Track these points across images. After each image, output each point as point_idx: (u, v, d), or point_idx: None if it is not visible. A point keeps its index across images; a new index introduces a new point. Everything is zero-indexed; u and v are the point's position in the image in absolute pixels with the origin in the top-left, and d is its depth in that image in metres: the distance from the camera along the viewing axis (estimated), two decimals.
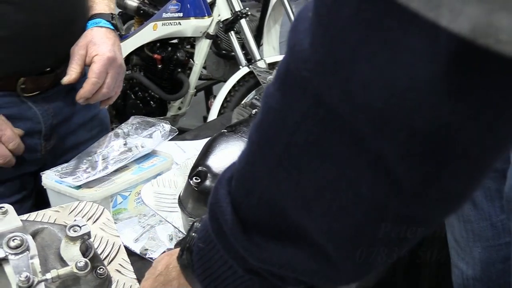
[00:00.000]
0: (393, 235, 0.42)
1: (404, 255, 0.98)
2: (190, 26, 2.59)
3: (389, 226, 0.41)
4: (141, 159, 1.13)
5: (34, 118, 1.14)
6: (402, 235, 0.42)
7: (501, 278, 1.12)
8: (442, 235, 1.19)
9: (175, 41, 2.77)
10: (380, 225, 0.41)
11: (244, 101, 2.40)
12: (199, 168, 0.81)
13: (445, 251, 1.17)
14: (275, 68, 1.81)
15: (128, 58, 2.77)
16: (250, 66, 2.49)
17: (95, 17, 1.18)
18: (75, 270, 0.65)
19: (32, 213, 0.80)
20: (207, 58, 2.86)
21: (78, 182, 1.03)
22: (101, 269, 0.70)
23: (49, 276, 0.64)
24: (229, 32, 2.59)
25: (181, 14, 2.58)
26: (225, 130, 0.88)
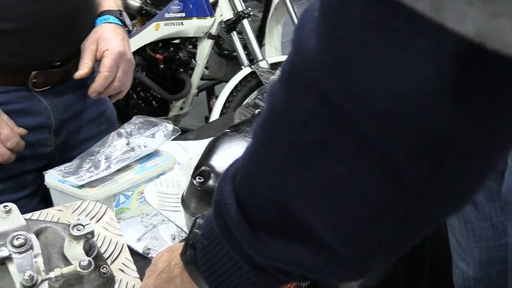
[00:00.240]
0: (397, 233, 0.42)
1: (406, 256, 0.98)
2: (192, 26, 2.60)
3: (393, 225, 0.41)
4: (143, 159, 1.13)
5: (45, 113, 1.16)
6: (406, 234, 0.42)
7: (501, 279, 1.13)
8: (444, 235, 1.19)
9: (177, 41, 2.77)
10: (384, 224, 0.41)
11: (246, 101, 2.40)
12: (202, 168, 0.81)
13: (447, 252, 1.17)
14: (278, 68, 1.81)
15: None
16: (253, 66, 2.50)
17: (104, 14, 1.21)
18: (79, 269, 0.65)
19: (35, 212, 0.80)
20: (209, 58, 2.86)
21: (81, 182, 1.03)
22: (105, 268, 0.70)
23: (52, 275, 0.64)
24: (231, 32, 2.59)
25: (183, 14, 2.58)
26: (228, 130, 0.88)
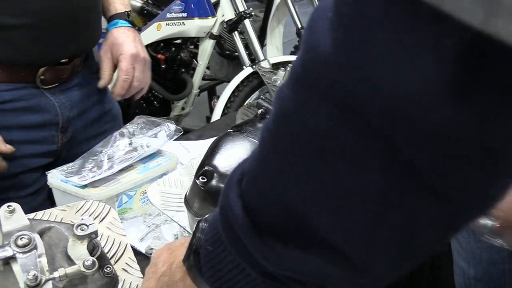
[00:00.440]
0: (423, 242, 0.41)
1: None
2: (194, 26, 2.60)
3: (421, 233, 0.39)
4: (146, 159, 1.13)
5: (52, 110, 1.17)
6: (431, 242, 0.41)
7: (501, 278, 1.12)
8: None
9: (178, 41, 2.77)
10: (413, 233, 0.39)
11: (247, 102, 2.40)
12: (206, 168, 0.81)
13: (448, 251, 1.17)
14: (280, 68, 1.81)
15: None
16: (255, 66, 2.49)
17: (112, 19, 1.27)
18: (83, 269, 0.65)
19: (39, 212, 0.80)
20: (211, 59, 2.86)
21: (84, 182, 1.03)
22: (108, 268, 0.70)
23: (56, 274, 0.64)
24: (233, 33, 2.59)
25: (185, 14, 2.58)
26: (231, 130, 0.88)
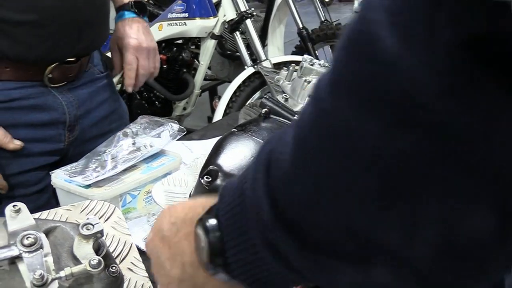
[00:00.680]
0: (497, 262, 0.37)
1: None
2: (195, 27, 2.60)
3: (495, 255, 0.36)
4: (149, 159, 1.13)
5: (60, 108, 1.17)
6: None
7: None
8: None
9: (179, 41, 2.77)
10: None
11: (249, 102, 2.40)
12: (210, 167, 0.81)
13: None
14: (282, 68, 1.80)
15: None
16: (257, 66, 2.50)
17: (119, 11, 1.30)
18: (89, 268, 0.65)
19: (44, 212, 0.80)
20: (212, 59, 2.86)
21: (88, 181, 1.03)
22: (114, 267, 0.70)
23: (62, 274, 0.64)
24: (234, 33, 2.59)
25: (186, 15, 2.59)
26: (235, 130, 0.88)
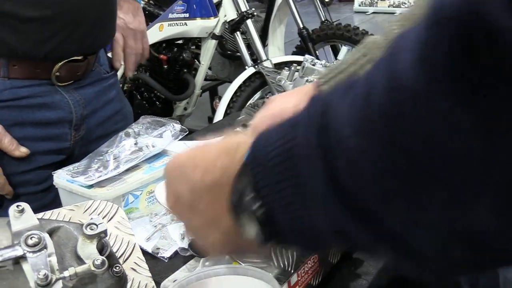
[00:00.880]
0: None
1: None
2: (196, 27, 2.60)
3: None
4: (152, 159, 1.13)
5: (66, 107, 1.18)
6: None
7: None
8: None
9: (180, 41, 2.77)
10: None
11: (250, 102, 2.40)
12: None
13: None
14: (284, 68, 1.80)
15: None
16: (258, 66, 2.50)
17: None
18: (93, 268, 0.65)
19: (47, 212, 0.80)
20: (212, 59, 2.87)
21: (90, 182, 1.03)
22: (117, 267, 0.70)
23: (66, 274, 0.64)
24: (235, 33, 2.60)
25: (187, 15, 2.59)
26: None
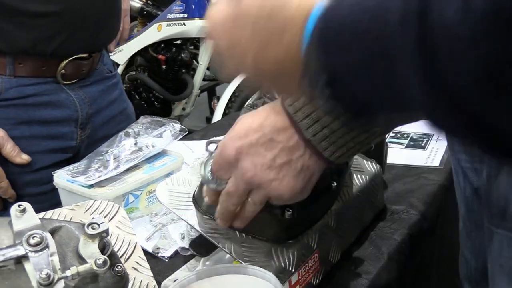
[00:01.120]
0: None
1: (416, 255, 0.98)
2: (195, 27, 2.60)
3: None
4: (151, 159, 1.14)
5: (72, 106, 1.19)
6: None
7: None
8: (453, 234, 1.20)
9: (178, 41, 2.78)
10: None
11: (248, 102, 2.41)
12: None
13: (455, 249, 1.17)
14: None
15: (132, 59, 2.78)
16: None
17: None
18: (95, 267, 0.65)
19: (48, 212, 0.80)
20: (210, 59, 2.87)
21: (90, 181, 1.03)
22: (119, 267, 0.70)
23: (69, 273, 0.64)
24: None
25: (185, 15, 2.59)
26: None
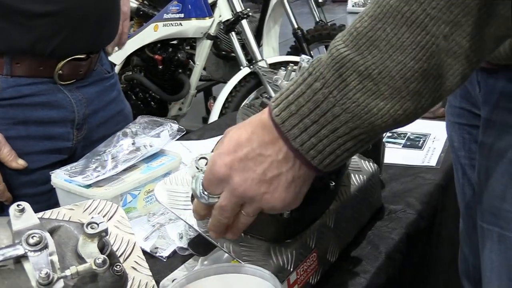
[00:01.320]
0: None
1: (414, 254, 0.98)
2: (191, 27, 2.60)
3: None
4: (149, 158, 1.14)
5: (69, 106, 1.18)
6: None
7: None
8: (450, 233, 1.20)
9: (175, 42, 2.78)
10: None
11: (245, 102, 2.41)
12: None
13: (455, 248, 1.18)
14: (280, 68, 1.80)
15: (129, 59, 2.78)
16: (254, 66, 2.50)
17: None
18: (94, 267, 0.65)
19: (47, 211, 0.80)
20: (207, 59, 2.87)
21: (88, 181, 1.03)
22: (118, 266, 0.70)
23: (68, 272, 0.64)
24: (230, 33, 2.60)
25: (182, 15, 2.59)
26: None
